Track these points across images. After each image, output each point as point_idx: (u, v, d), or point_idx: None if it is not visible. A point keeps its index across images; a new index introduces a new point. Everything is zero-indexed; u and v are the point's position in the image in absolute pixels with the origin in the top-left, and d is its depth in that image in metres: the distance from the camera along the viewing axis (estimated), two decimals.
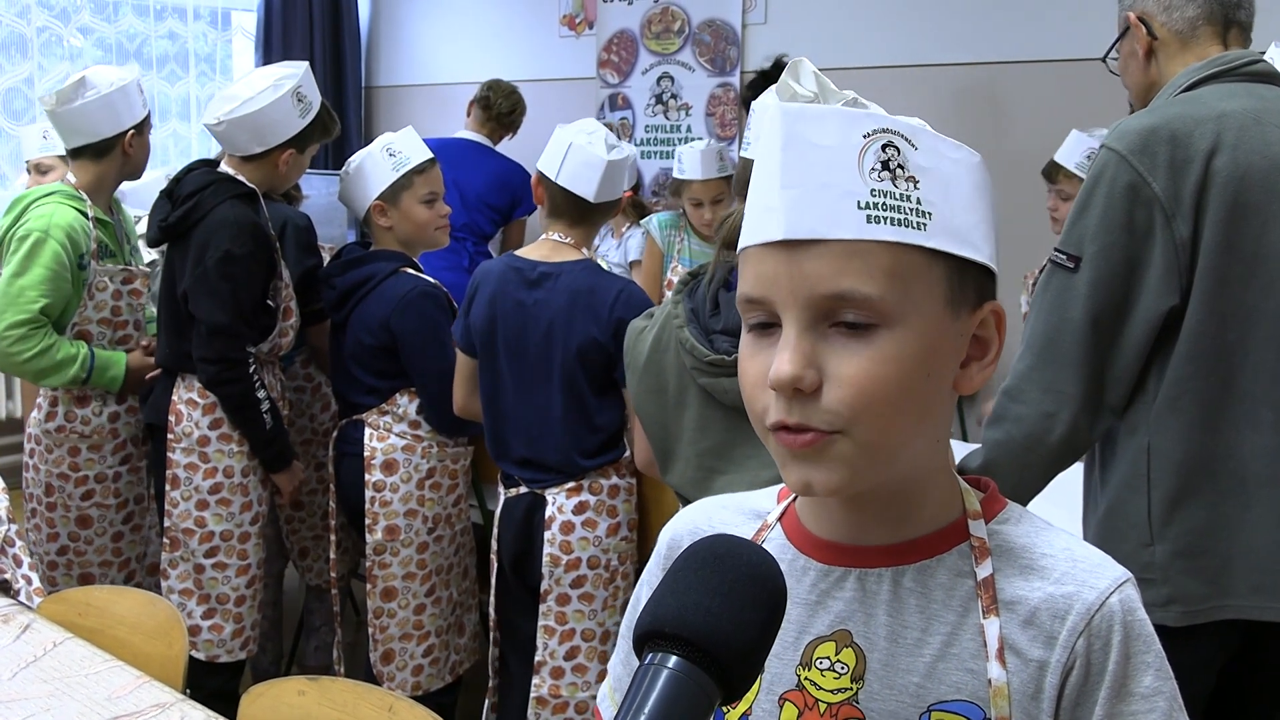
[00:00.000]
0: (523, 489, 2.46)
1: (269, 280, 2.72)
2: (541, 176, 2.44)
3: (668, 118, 5.24)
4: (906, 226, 0.79)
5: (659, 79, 5.23)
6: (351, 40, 6.01)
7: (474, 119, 4.52)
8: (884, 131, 0.80)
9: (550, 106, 5.35)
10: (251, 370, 2.67)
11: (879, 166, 0.79)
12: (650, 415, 1.90)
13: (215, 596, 2.73)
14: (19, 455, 3.00)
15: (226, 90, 2.72)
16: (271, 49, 5.74)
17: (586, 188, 2.38)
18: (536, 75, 5.49)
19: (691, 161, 3.80)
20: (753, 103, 1.79)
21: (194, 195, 2.65)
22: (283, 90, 2.68)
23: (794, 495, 0.93)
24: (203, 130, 4.21)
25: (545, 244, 2.45)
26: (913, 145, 0.81)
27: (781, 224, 0.79)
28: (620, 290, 2.36)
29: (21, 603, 1.96)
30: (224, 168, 2.72)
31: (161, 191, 2.75)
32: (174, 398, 2.73)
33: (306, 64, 2.81)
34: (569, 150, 2.39)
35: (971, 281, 0.83)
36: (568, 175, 2.39)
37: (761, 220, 0.81)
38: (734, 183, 1.83)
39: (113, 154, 2.85)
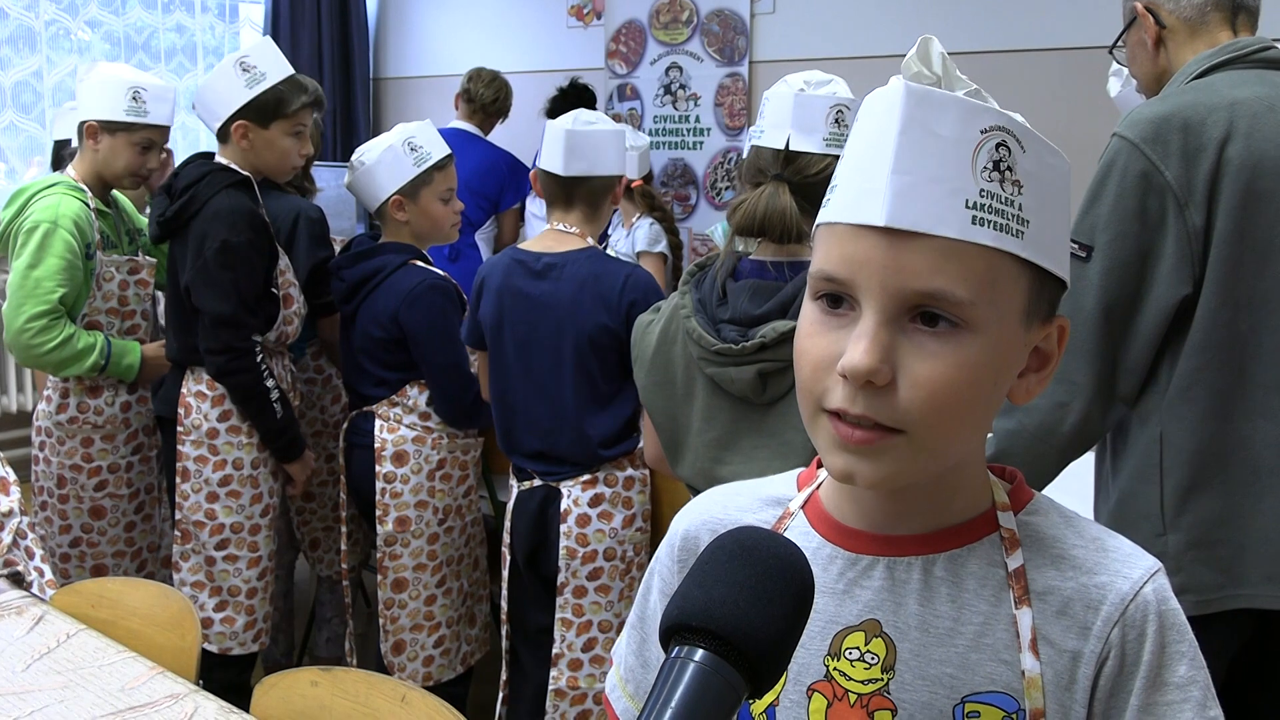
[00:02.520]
0: (536, 482, 2.46)
1: (270, 268, 2.71)
2: (538, 170, 2.45)
3: (676, 108, 5.23)
4: (1006, 233, 0.78)
5: (667, 69, 5.22)
6: (359, 32, 6.00)
7: (461, 111, 4.62)
8: (1000, 130, 0.78)
9: None
10: (259, 359, 2.66)
11: (990, 166, 0.78)
12: (659, 408, 1.90)
13: (227, 589, 2.73)
14: (29, 448, 3.00)
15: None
16: (279, 41, 5.73)
17: (554, 162, 2.39)
18: (545, 66, 5.49)
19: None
20: (765, 91, 1.79)
21: (190, 188, 2.63)
22: (228, 61, 2.65)
23: (817, 482, 0.92)
24: None
25: (549, 235, 2.45)
26: (1022, 148, 0.79)
27: (885, 209, 0.77)
28: (628, 275, 2.35)
29: (34, 595, 1.97)
30: (219, 158, 2.72)
31: (160, 187, 2.75)
32: (183, 390, 2.72)
33: (268, 37, 2.83)
34: (545, 132, 2.42)
35: (1047, 294, 0.83)
36: (544, 157, 2.41)
37: (860, 199, 0.79)
38: (743, 170, 1.81)
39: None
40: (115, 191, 3.10)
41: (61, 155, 3.47)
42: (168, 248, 2.78)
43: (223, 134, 2.67)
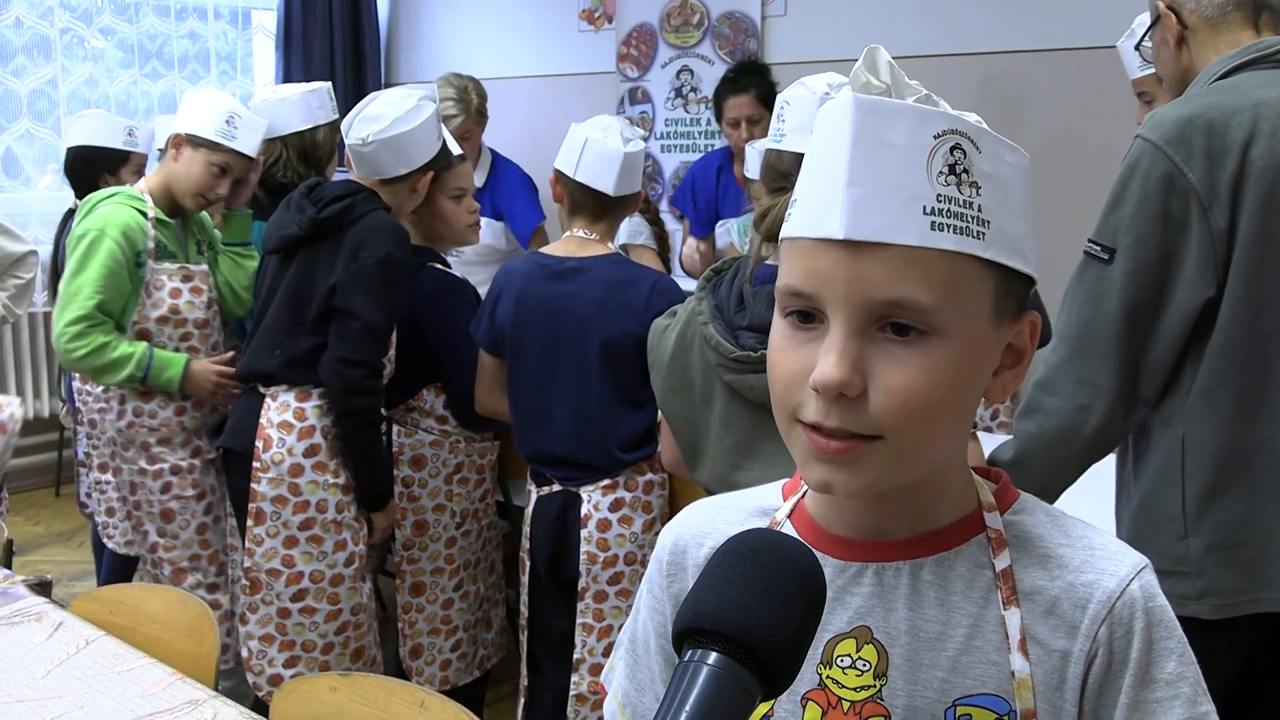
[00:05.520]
0: (556, 487, 2.46)
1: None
2: (559, 175, 2.43)
3: (687, 111, 5.22)
4: (967, 235, 0.78)
5: (679, 72, 5.22)
6: (371, 38, 6.01)
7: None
8: (953, 133, 0.78)
9: (570, 101, 5.35)
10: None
11: (946, 170, 0.78)
12: (676, 413, 1.89)
13: (301, 643, 2.54)
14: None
15: (366, 111, 2.56)
16: (292, 48, 5.76)
17: (605, 182, 2.38)
18: (556, 70, 5.49)
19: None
20: (780, 95, 1.79)
21: (344, 198, 2.51)
22: (428, 111, 2.57)
23: (802, 491, 0.92)
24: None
25: (570, 241, 2.45)
26: (977, 148, 0.79)
27: (843, 223, 0.77)
28: (655, 282, 2.35)
29: (54, 600, 1.97)
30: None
31: (288, 201, 2.62)
32: (263, 420, 2.52)
33: (435, 86, 2.77)
34: (585, 146, 2.39)
35: (1015, 292, 0.83)
36: (586, 171, 2.39)
37: (819, 214, 0.79)
38: (761, 174, 1.81)
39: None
40: None
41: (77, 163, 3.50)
42: (266, 261, 2.69)
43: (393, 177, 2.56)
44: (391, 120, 2.51)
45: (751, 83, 3.96)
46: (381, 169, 2.54)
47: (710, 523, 0.94)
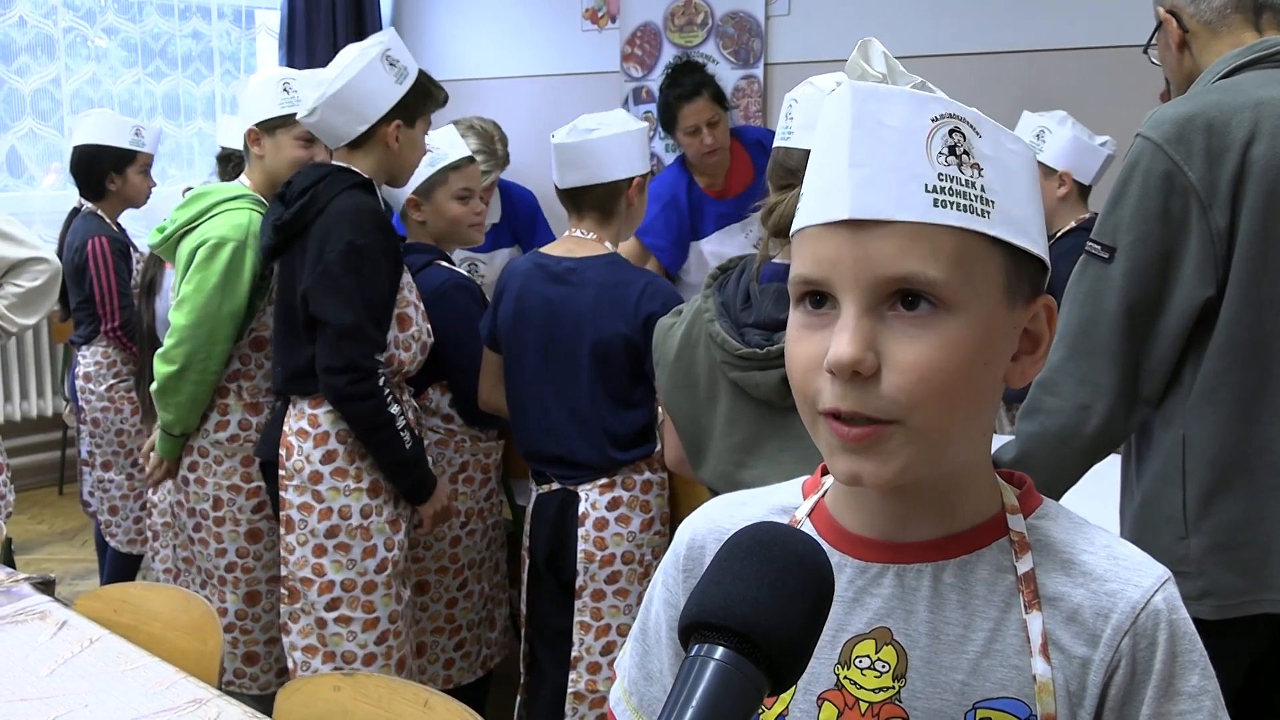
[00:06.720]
0: (555, 485, 2.47)
1: (396, 278, 2.40)
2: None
3: None
4: (971, 213, 0.78)
5: None
6: None
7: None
8: (951, 117, 0.79)
9: (574, 101, 5.34)
10: (382, 382, 2.34)
11: (946, 151, 0.78)
12: (681, 411, 1.90)
13: (341, 654, 2.43)
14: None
15: (311, 80, 2.43)
16: (295, 47, 5.76)
17: (554, 174, 2.42)
18: (559, 70, 5.49)
19: None
20: (788, 95, 1.79)
21: (308, 190, 2.35)
22: (370, 56, 2.33)
23: (823, 490, 0.92)
24: None
25: (568, 240, 2.47)
26: (977, 133, 0.80)
27: (847, 203, 0.78)
28: (646, 284, 2.36)
29: (58, 600, 1.97)
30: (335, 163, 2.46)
31: (274, 196, 2.50)
32: (284, 429, 2.43)
33: (393, 29, 2.62)
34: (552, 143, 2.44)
35: (1027, 274, 0.83)
36: (554, 169, 2.43)
37: (825, 199, 0.80)
38: (769, 171, 1.81)
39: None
40: None
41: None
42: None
43: (359, 139, 2.38)
44: (331, 79, 2.33)
45: (698, 83, 3.74)
46: (337, 133, 2.37)
47: (729, 519, 0.94)
